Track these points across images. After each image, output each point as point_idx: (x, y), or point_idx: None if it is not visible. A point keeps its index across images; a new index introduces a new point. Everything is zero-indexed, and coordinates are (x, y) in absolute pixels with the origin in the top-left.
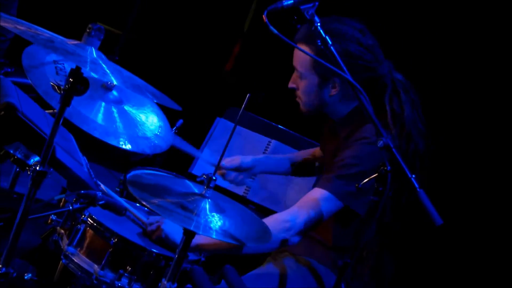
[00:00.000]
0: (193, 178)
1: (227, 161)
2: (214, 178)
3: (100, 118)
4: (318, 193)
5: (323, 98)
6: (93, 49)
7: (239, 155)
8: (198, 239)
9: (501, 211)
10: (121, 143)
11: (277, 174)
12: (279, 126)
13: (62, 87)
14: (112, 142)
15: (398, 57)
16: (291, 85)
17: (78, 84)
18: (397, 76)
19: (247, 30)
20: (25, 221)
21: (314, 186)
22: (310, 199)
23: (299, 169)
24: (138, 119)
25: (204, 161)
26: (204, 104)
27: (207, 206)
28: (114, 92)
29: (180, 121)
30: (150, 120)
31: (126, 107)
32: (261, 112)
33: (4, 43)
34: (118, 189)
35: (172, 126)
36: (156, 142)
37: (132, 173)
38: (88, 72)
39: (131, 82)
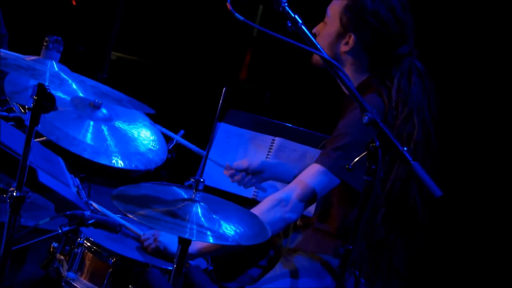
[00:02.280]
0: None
1: (236, 163)
2: (202, 180)
3: (89, 138)
4: (313, 168)
5: (335, 50)
6: (54, 63)
7: (245, 158)
8: (198, 244)
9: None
10: (113, 161)
11: (287, 183)
12: (282, 123)
13: (26, 107)
14: (104, 161)
15: None
16: (314, 30)
17: (43, 101)
18: (416, 63)
19: (256, 36)
20: (10, 251)
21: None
22: (305, 175)
23: None
24: (130, 135)
25: (211, 160)
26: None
27: (199, 210)
28: (103, 110)
29: (181, 132)
30: (143, 135)
31: (117, 124)
32: (270, 113)
33: (2, 80)
34: None
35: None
36: (150, 156)
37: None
38: (75, 91)
39: (95, 90)
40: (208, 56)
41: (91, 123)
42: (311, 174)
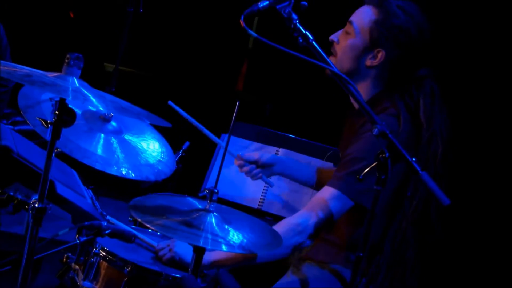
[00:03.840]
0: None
1: (247, 154)
2: (216, 191)
3: (100, 149)
4: (327, 192)
5: (359, 63)
6: (75, 79)
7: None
8: (212, 256)
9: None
10: (123, 172)
11: (295, 181)
12: (286, 134)
13: (48, 121)
14: (115, 172)
15: None
16: (332, 37)
17: (64, 115)
18: (433, 84)
19: (252, 48)
20: (32, 261)
21: (327, 183)
22: (320, 200)
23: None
24: (139, 147)
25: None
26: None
27: (213, 220)
28: (113, 123)
29: (187, 144)
30: (152, 147)
31: (126, 137)
32: (271, 123)
33: (6, 94)
34: (131, 219)
35: (179, 149)
36: (160, 168)
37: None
38: (85, 105)
39: (115, 105)
40: (205, 68)
41: (102, 135)
42: (327, 199)
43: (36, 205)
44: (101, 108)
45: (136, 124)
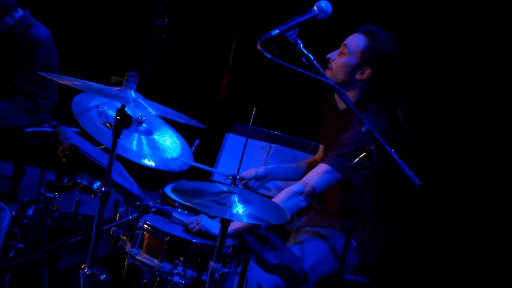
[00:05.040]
0: None
1: (245, 173)
2: (237, 177)
3: (134, 146)
4: (321, 167)
5: (350, 77)
6: (132, 91)
7: (250, 164)
8: (231, 226)
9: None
10: (150, 163)
11: (284, 180)
12: (276, 132)
13: (112, 124)
14: (146, 164)
15: None
16: (330, 55)
17: (124, 120)
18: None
19: (231, 64)
20: (100, 231)
21: (321, 160)
22: (315, 173)
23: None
24: (164, 144)
25: (219, 173)
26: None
27: (236, 199)
28: (144, 125)
29: (197, 141)
30: (174, 145)
31: (154, 136)
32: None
33: (49, 105)
34: (159, 201)
35: (191, 146)
36: (180, 161)
37: (169, 185)
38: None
39: (160, 111)
40: (195, 79)
41: (136, 135)
42: (320, 172)
43: (103, 189)
44: (153, 112)
45: (161, 126)
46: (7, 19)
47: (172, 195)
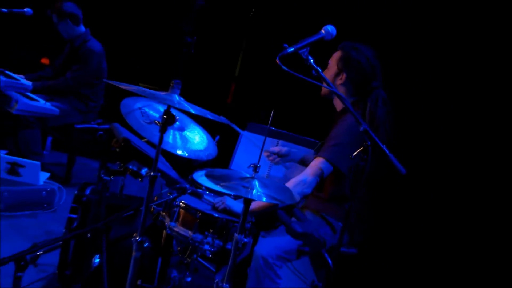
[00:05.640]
0: None
1: (272, 148)
2: (258, 165)
3: (170, 139)
4: (318, 160)
5: (334, 83)
6: (176, 95)
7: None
8: (252, 205)
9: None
10: (186, 154)
11: (298, 163)
12: (284, 131)
13: (160, 122)
14: (179, 154)
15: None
16: (326, 72)
17: (170, 118)
18: (382, 93)
19: (237, 74)
20: (148, 209)
21: (316, 155)
22: (314, 165)
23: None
24: (193, 138)
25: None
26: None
27: (256, 183)
28: (177, 123)
29: (217, 137)
30: (201, 139)
31: (186, 132)
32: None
33: (97, 108)
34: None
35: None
36: (207, 152)
37: (197, 172)
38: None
39: (198, 111)
40: (206, 87)
41: (171, 131)
42: (318, 163)
43: (152, 174)
44: (192, 111)
45: (191, 124)
46: (73, 28)
47: (200, 180)
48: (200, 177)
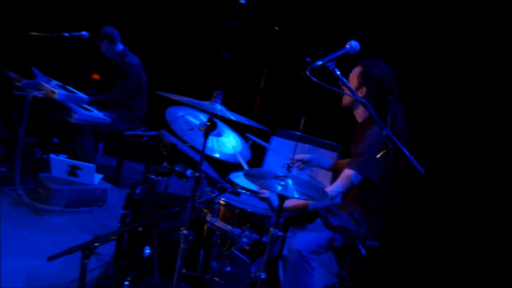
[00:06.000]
0: None
1: (296, 155)
2: (291, 165)
3: (209, 144)
4: (348, 172)
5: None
6: (218, 104)
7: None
8: (287, 203)
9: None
10: (219, 156)
11: (322, 168)
12: (309, 136)
13: (204, 128)
14: (216, 157)
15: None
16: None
17: (212, 125)
18: (399, 105)
19: (262, 86)
20: (195, 206)
21: (346, 167)
22: (345, 177)
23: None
24: (229, 142)
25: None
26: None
27: (290, 182)
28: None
29: (250, 142)
30: (236, 144)
31: (222, 137)
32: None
33: (140, 115)
34: None
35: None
36: (241, 156)
37: (234, 173)
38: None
39: (237, 118)
40: (235, 98)
41: (209, 136)
42: (348, 175)
43: (196, 174)
44: (233, 118)
45: (226, 130)
46: (112, 47)
47: (236, 180)
48: (236, 177)
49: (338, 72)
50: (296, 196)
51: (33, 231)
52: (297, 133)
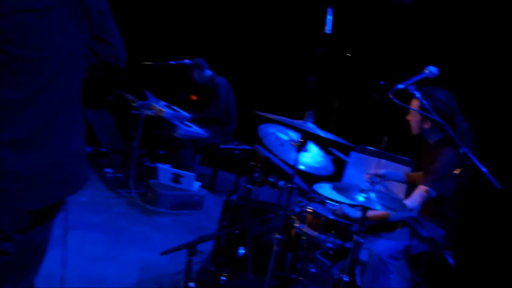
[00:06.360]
0: None
1: (372, 171)
2: (374, 181)
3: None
4: (423, 188)
5: (422, 127)
6: (309, 123)
7: (368, 170)
8: (368, 213)
9: None
10: (305, 168)
11: (395, 181)
12: (385, 152)
13: (297, 143)
14: (302, 169)
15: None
16: (408, 117)
17: (305, 141)
18: (465, 124)
19: (337, 106)
20: (287, 214)
21: (420, 183)
22: (420, 193)
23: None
24: (315, 156)
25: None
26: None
27: (373, 195)
28: None
29: (332, 156)
30: (320, 157)
31: (308, 152)
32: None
33: (232, 130)
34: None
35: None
36: (326, 169)
37: (317, 184)
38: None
39: (326, 135)
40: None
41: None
42: (423, 191)
43: (289, 185)
44: (323, 135)
45: (311, 145)
46: (201, 74)
47: (320, 191)
48: (320, 188)
49: (419, 95)
50: (379, 208)
51: (145, 228)
52: (374, 149)
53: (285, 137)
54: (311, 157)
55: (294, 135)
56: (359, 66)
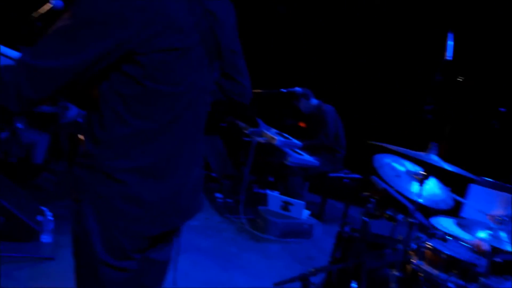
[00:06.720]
0: None
1: (494, 212)
2: (502, 218)
3: (415, 189)
4: None
5: None
6: (433, 155)
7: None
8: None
9: None
10: (423, 201)
11: None
12: (503, 183)
13: (419, 177)
14: (418, 201)
15: None
16: None
17: (428, 175)
18: None
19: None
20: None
21: None
22: None
23: None
24: (433, 189)
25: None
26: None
27: (503, 234)
28: None
29: (449, 188)
30: (439, 191)
31: (426, 184)
32: None
33: (341, 157)
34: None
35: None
36: (444, 202)
37: (435, 217)
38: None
39: (452, 169)
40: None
41: (413, 182)
42: None
43: (409, 219)
44: (449, 169)
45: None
46: (308, 103)
47: (438, 226)
48: (437, 223)
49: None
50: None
51: (253, 255)
52: (497, 182)
53: (401, 168)
54: (429, 189)
55: (410, 166)
56: (478, 92)
